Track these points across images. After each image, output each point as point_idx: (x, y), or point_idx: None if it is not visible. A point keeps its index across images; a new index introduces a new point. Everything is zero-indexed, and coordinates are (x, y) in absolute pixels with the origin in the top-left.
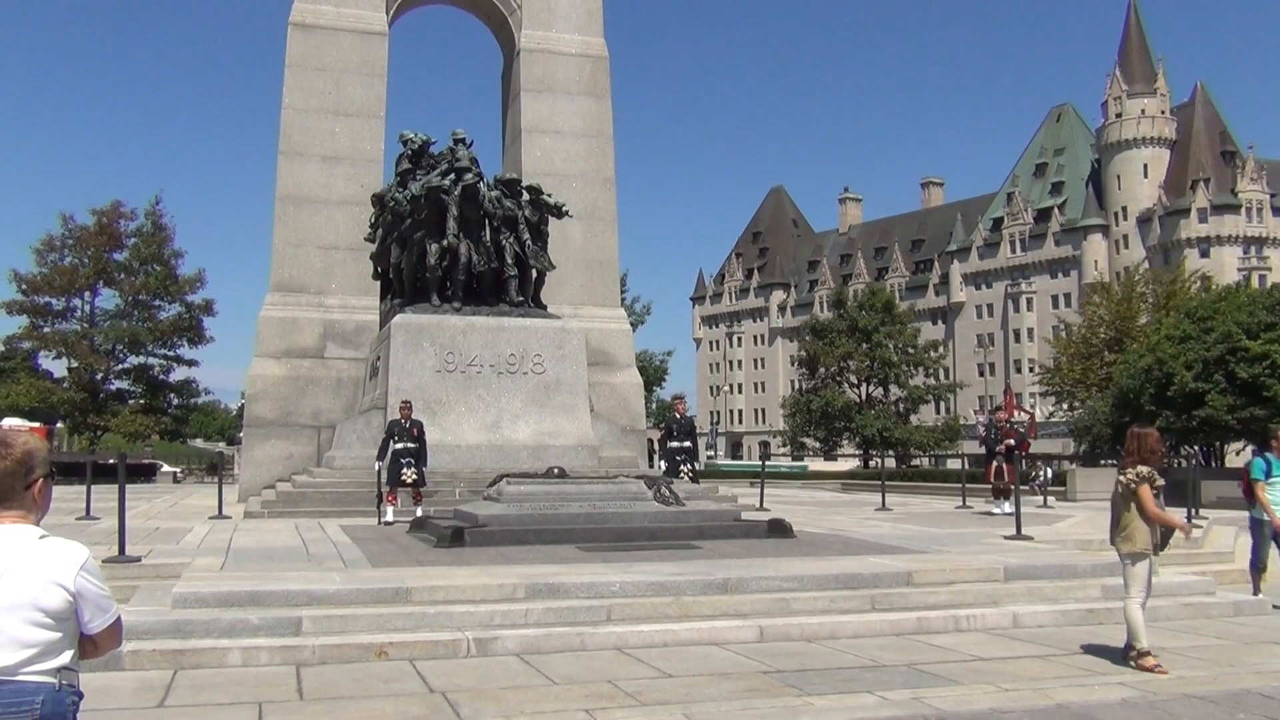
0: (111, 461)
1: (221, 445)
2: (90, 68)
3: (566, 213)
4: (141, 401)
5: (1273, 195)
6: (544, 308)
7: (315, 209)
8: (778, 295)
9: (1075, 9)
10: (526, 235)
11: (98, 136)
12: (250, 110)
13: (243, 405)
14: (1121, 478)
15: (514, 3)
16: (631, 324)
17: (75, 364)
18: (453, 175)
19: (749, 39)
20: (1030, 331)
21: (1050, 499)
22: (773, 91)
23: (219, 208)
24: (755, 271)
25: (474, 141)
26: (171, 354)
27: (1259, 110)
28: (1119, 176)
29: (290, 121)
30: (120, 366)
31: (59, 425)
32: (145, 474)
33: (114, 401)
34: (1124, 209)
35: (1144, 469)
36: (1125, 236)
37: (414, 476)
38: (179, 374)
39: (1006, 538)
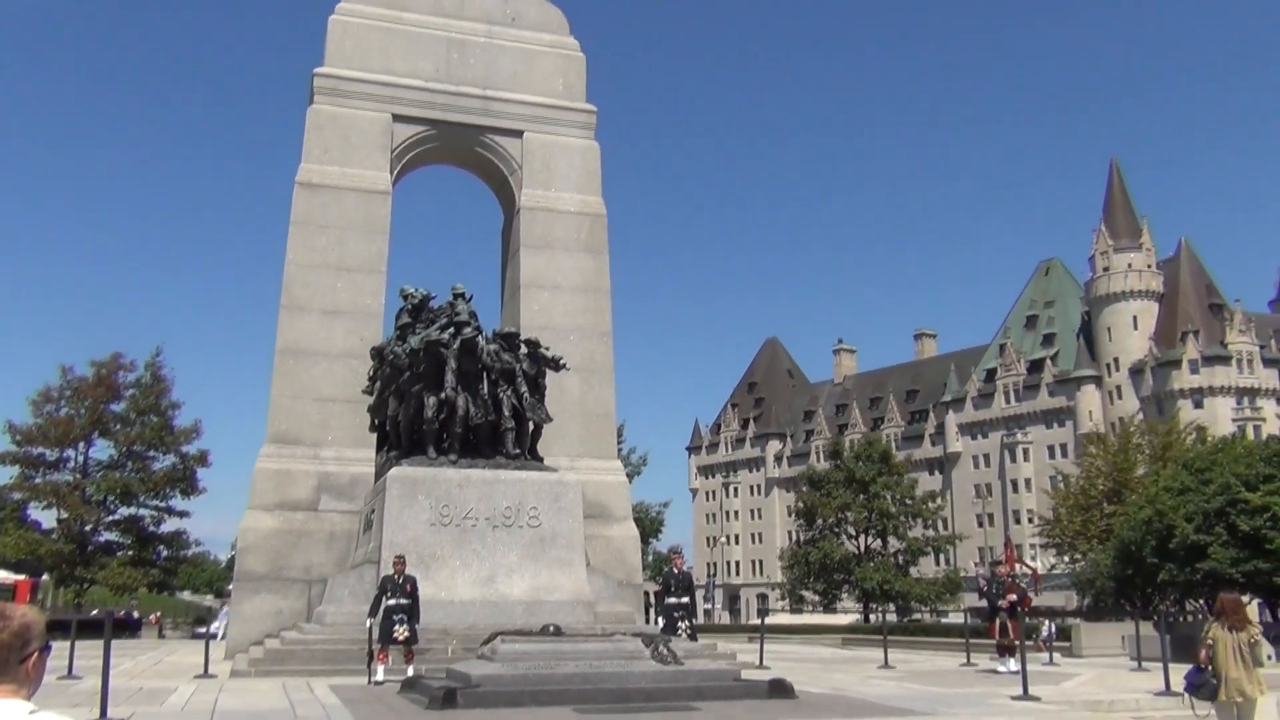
0: (96, 615)
1: (210, 598)
2: (98, 223)
3: (564, 366)
4: (130, 553)
5: (1261, 347)
6: (541, 460)
7: (314, 361)
8: (774, 445)
9: (1059, 168)
10: (524, 388)
11: (102, 292)
12: (254, 265)
13: (233, 557)
14: (1244, 635)
15: (514, 163)
16: (628, 475)
17: (65, 515)
18: (452, 329)
19: (743, 196)
20: (1028, 482)
21: (1056, 655)
22: (767, 247)
23: (219, 360)
24: (751, 422)
25: (473, 296)
26: (163, 505)
27: (1241, 264)
28: (1109, 328)
29: (293, 276)
30: (110, 518)
31: (45, 578)
32: (130, 628)
33: (102, 554)
34: (1115, 360)
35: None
36: (1118, 387)
37: (406, 634)
38: (170, 525)
39: (1013, 698)
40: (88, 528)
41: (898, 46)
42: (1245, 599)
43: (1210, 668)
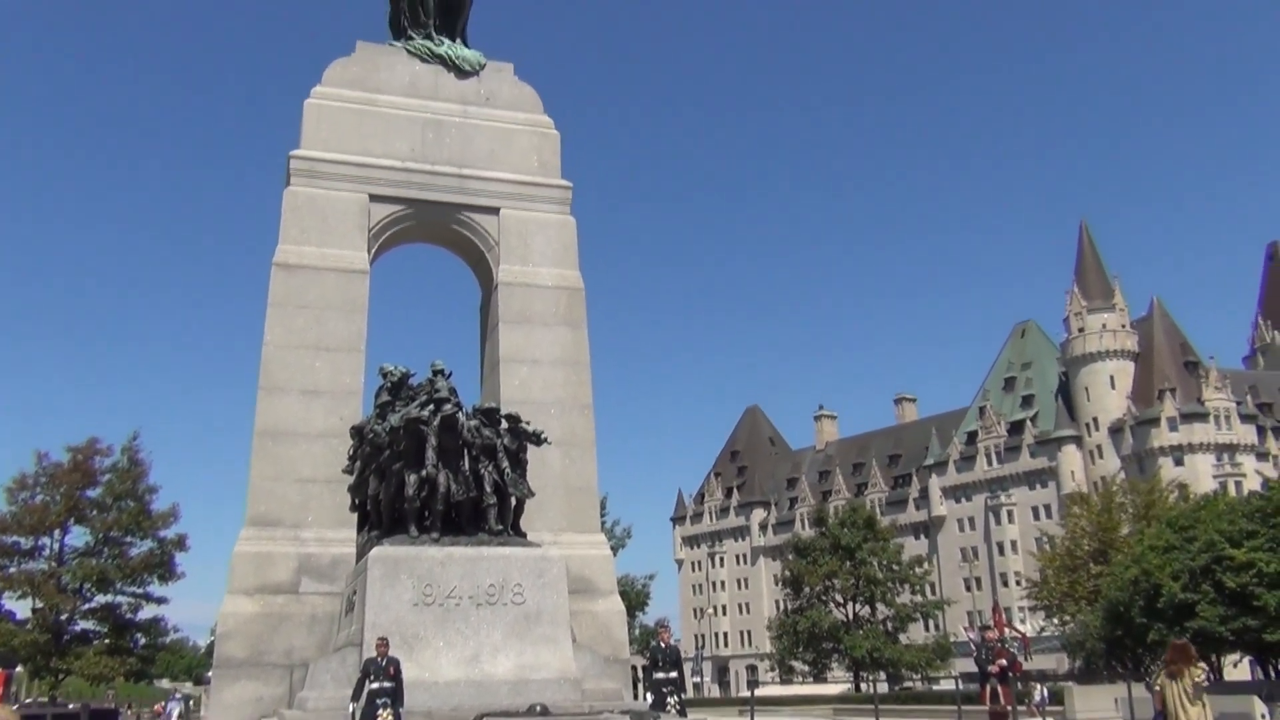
0: (73, 707)
1: (188, 686)
2: (75, 307)
3: (545, 440)
4: (107, 641)
5: (1238, 403)
6: (524, 536)
7: (293, 442)
8: (758, 514)
9: (1030, 231)
10: (505, 463)
11: (80, 375)
12: (231, 347)
13: (212, 643)
14: (1192, 681)
15: (491, 240)
16: (612, 548)
17: (40, 604)
18: (431, 406)
19: (719, 266)
20: (1014, 544)
21: None
22: (744, 315)
23: (197, 442)
24: (735, 490)
25: (452, 372)
26: (140, 592)
27: (1212, 321)
28: (1087, 388)
29: (271, 357)
30: (86, 606)
31: (19, 669)
32: (108, 719)
33: (78, 643)
34: (1095, 420)
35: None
36: (1099, 447)
37: (390, 718)
38: (147, 612)
39: None
40: (63, 617)
41: (868, 112)
42: (1238, 657)
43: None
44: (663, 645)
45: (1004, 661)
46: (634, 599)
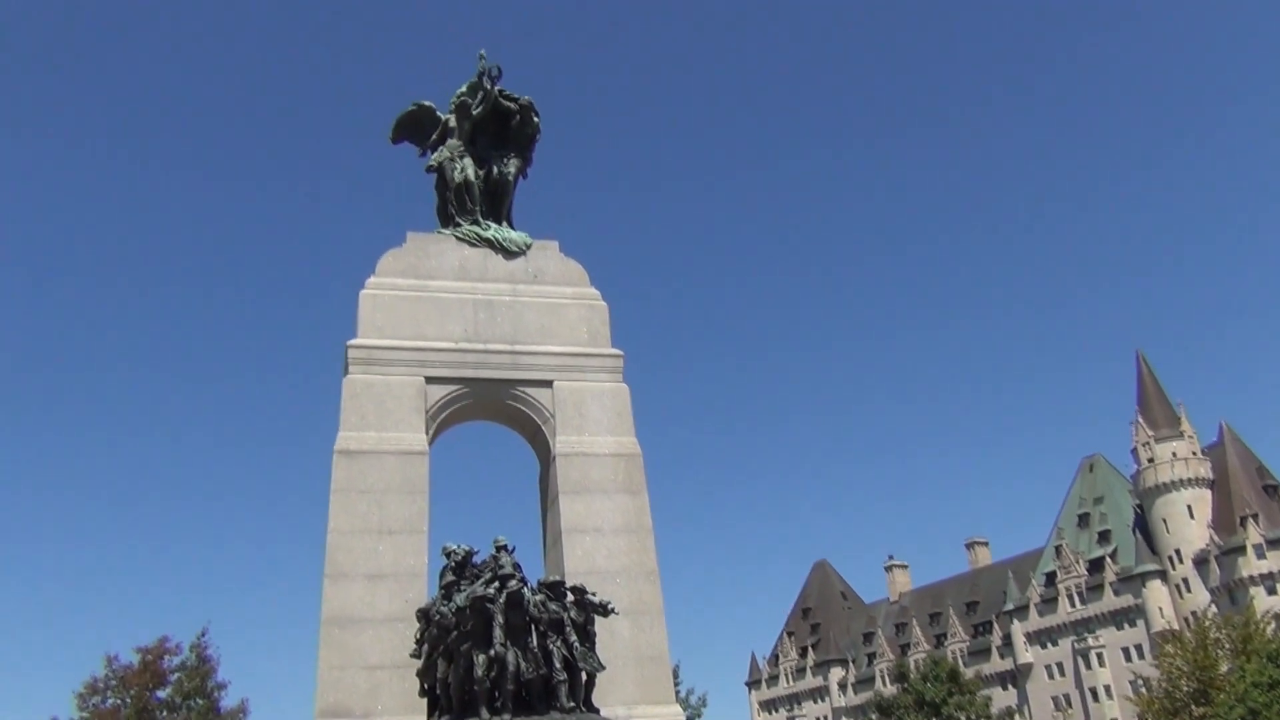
0: None
1: None
2: (139, 511)
3: (612, 610)
4: None
5: None
6: (596, 711)
7: (360, 629)
8: (836, 672)
9: (1087, 364)
10: (574, 637)
11: (146, 575)
12: (295, 538)
13: None
14: None
15: (547, 412)
16: (689, 718)
17: None
18: (496, 583)
19: (774, 425)
20: (1107, 689)
21: None
22: (805, 470)
23: (264, 634)
24: (810, 649)
25: (515, 547)
26: None
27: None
28: (1165, 520)
29: (335, 544)
30: None
31: None
32: None
33: None
34: (1177, 552)
35: None
36: (1185, 580)
37: None
38: None
39: None
40: None
41: (918, 259)
42: None
43: None
44: None
45: None
46: None
